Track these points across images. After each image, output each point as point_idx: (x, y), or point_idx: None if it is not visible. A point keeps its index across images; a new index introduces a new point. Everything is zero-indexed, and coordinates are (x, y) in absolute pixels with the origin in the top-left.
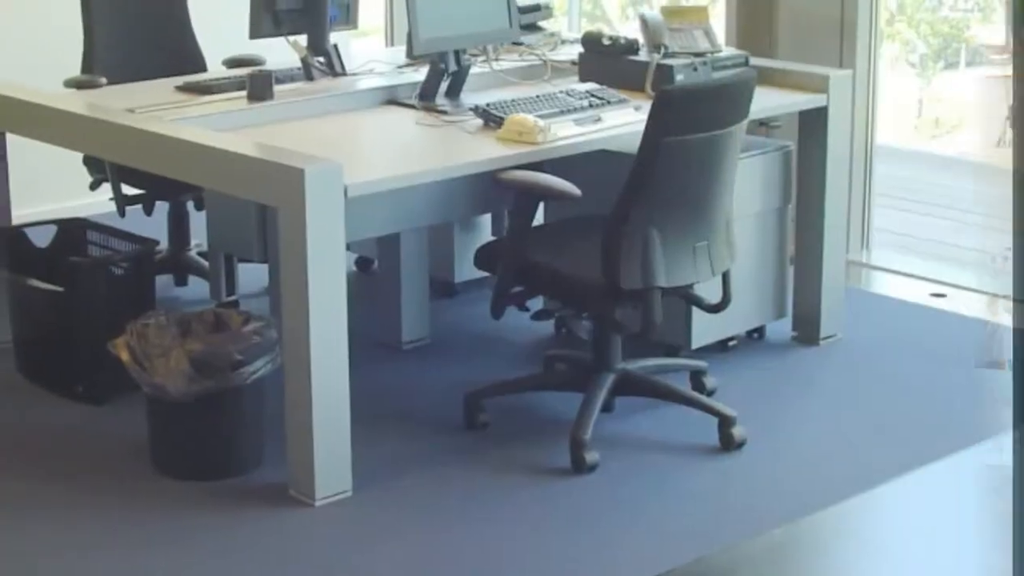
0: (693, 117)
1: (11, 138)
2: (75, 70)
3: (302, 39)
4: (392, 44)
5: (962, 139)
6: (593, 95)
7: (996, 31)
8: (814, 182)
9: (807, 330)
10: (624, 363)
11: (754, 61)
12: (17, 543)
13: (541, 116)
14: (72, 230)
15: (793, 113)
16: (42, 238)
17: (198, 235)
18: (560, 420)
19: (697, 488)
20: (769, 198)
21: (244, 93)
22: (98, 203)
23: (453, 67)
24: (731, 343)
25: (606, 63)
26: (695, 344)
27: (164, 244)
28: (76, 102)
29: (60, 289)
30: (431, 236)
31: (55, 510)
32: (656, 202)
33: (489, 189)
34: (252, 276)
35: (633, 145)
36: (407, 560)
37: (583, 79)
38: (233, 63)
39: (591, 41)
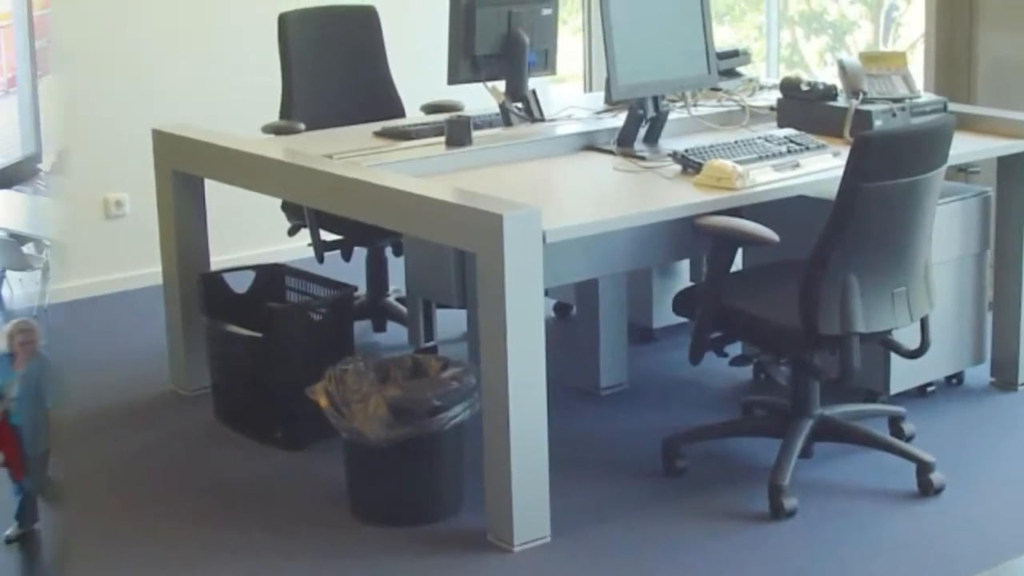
0: (892, 163)
1: (210, 184)
2: (273, 116)
3: (500, 85)
4: (590, 90)
5: None
6: (792, 140)
7: None
8: (1013, 227)
9: (1005, 375)
10: (822, 409)
11: (952, 107)
12: None
13: (739, 162)
14: (271, 276)
15: (992, 158)
16: (241, 284)
17: (396, 280)
18: (758, 466)
19: (896, 534)
20: (968, 243)
21: (442, 139)
22: (296, 249)
23: (652, 113)
24: (929, 389)
25: (804, 109)
26: (893, 390)
27: (362, 290)
28: (274, 148)
29: (259, 335)
30: (629, 281)
31: (254, 556)
32: (855, 248)
33: (687, 235)
34: (450, 321)
35: (832, 191)
36: None
37: (781, 124)
38: (431, 108)
39: (789, 87)
